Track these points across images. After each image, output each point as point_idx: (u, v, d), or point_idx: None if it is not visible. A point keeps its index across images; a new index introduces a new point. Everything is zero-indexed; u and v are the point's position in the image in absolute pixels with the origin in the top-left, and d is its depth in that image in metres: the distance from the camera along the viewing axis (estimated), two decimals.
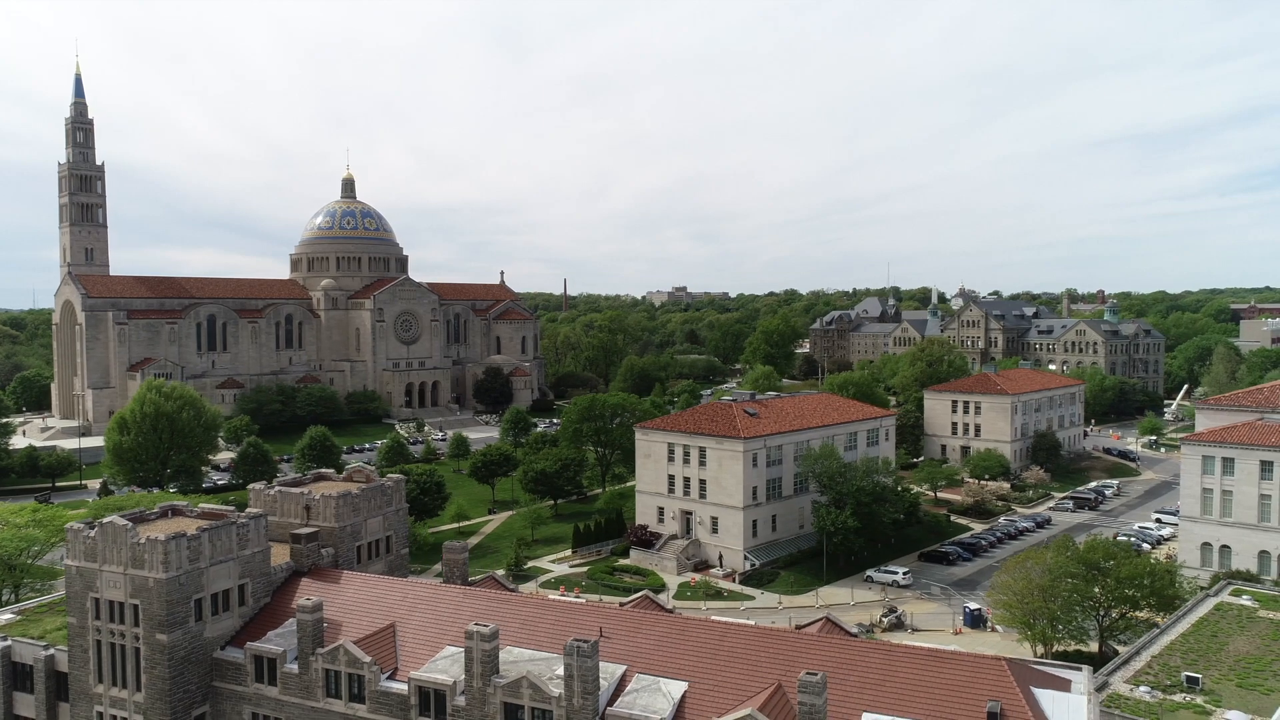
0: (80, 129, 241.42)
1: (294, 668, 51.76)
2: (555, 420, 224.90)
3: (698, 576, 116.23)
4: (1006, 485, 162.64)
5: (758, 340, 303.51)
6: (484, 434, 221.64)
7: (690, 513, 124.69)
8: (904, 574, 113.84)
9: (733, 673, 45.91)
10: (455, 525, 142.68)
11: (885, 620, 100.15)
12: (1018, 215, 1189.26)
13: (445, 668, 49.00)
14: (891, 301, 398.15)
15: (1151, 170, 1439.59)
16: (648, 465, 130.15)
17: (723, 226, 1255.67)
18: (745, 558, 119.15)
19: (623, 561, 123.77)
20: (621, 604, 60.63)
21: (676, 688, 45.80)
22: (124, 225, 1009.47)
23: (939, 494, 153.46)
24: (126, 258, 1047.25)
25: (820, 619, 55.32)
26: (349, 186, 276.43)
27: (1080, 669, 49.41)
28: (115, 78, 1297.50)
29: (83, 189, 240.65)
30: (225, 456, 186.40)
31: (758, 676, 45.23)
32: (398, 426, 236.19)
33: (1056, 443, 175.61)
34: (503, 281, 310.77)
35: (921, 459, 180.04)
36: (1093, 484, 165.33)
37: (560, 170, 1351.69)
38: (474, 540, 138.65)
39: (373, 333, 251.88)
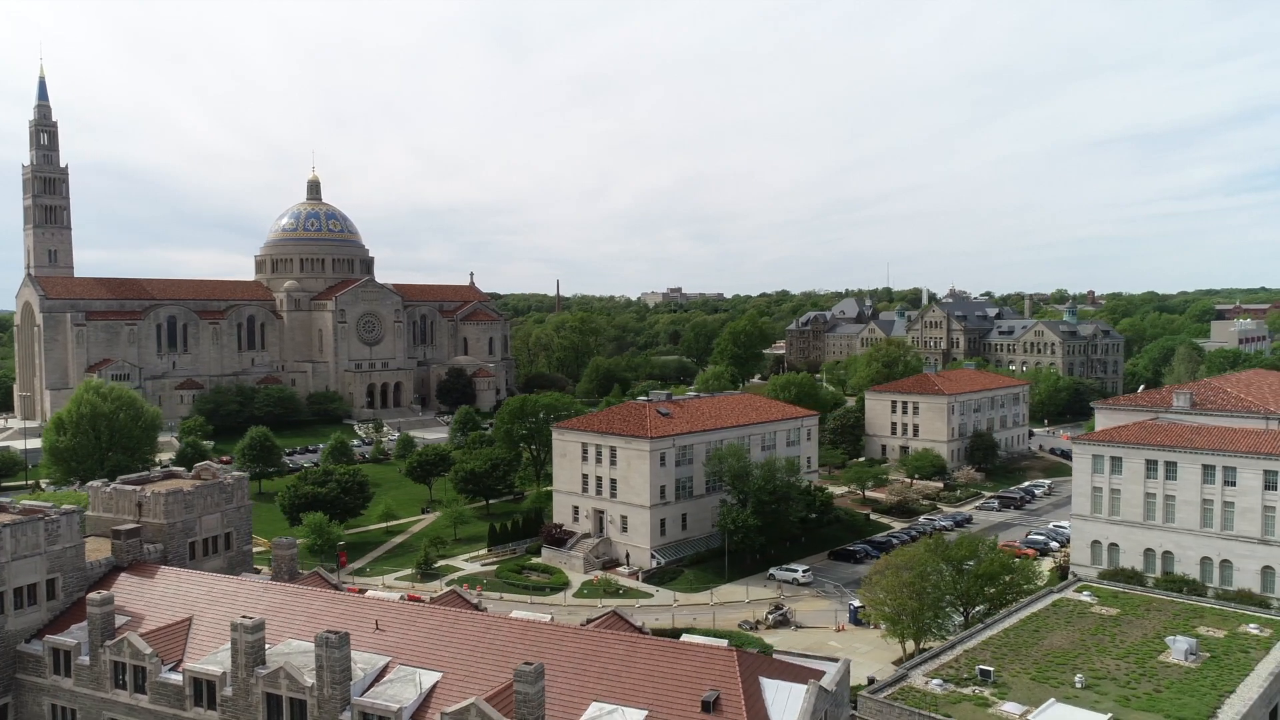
0: (44, 131, 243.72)
1: (86, 659, 53.29)
2: None
3: (600, 574, 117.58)
4: (940, 485, 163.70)
5: (725, 341, 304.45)
6: (441, 434, 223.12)
7: (602, 511, 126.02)
8: (804, 572, 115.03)
9: (487, 664, 47.24)
10: (383, 525, 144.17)
11: (770, 618, 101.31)
12: (1018, 215, 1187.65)
13: (223, 660, 50.46)
14: (868, 302, 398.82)
15: (1152, 170, 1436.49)
16: (563, 465, 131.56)
17: (723, 227, 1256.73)
18: (652, 556, 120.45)
19: (535, 560, 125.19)
20: (432, 599, 62.02)
21: (430, 678, 47.16)
22: (125, 226, 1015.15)
23: (867, 493, 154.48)
24: (127, 258, 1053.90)
25: (607, 614, 56.66)
26: (314, 188, 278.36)
27: (835, 661, 50.64)
28: (115, 78, 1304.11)
29: (47, 191, 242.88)
30: (167, 458, 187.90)
31: (508, 668, 46.56)
32: (356, 427, 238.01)
33: (993, 443, 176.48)
34: (472, 283, 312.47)
35: (862, 459, 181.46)
36: (1026, 484, 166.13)
37: (560, 170, 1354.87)
38: (400, 539, 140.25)
39: (334, 334, 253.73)
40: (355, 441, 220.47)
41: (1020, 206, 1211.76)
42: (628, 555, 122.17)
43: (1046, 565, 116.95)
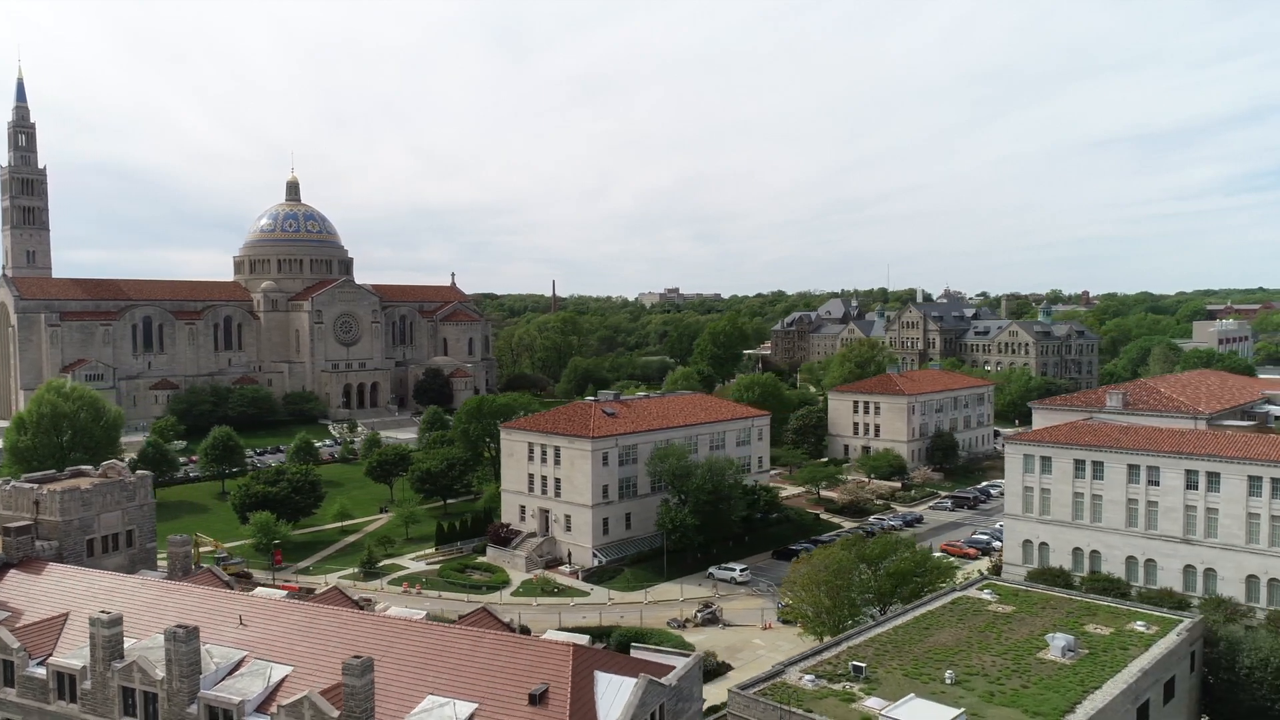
0: (22, 132, 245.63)
1: None
2: None
3: (540, 573, 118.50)
4: (898, 485, 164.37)
5: (704, 342, 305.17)
6: (414, 434, 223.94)
7: (548, 511, 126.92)
8: (741, 571, 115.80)
9: (336, 658, 47.98)
10: (338, 525, 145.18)
11: (699, 616, 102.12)
12: (1018, 215, 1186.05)
13: (86, 654, 51.41)
14: (854, 303, 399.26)
15: (1153, 170, 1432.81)
16: (511, 464, 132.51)
17: (723, 227, 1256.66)
18: (594, 555, 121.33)
19: (481, 559, 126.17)
20: (314, 593, 62.97)
21: (281, 671, 48.11)
22: (127, 226, 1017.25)
23: (822, 493, 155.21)
24: (127, 259, 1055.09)
25: (477, 610, 57.60)
26: (293, 189, 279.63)
27: (687, 655, 51.45)
28: (116, 78, 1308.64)
29: (24, 192, 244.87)
30: (132, 458, 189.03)
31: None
32: (331, 427, 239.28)
33: (953, 443, 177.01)
34: (453, 283, 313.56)
35: (825, 459, 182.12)
36: (984, 484, 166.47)
37: (560, 170, 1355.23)
38: (353, 538, 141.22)
39: (311, 334, 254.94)
40: (326, 441, 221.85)
41: (1020, 206, 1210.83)
42: (569, 554, 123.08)
43: (984, 565, 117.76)
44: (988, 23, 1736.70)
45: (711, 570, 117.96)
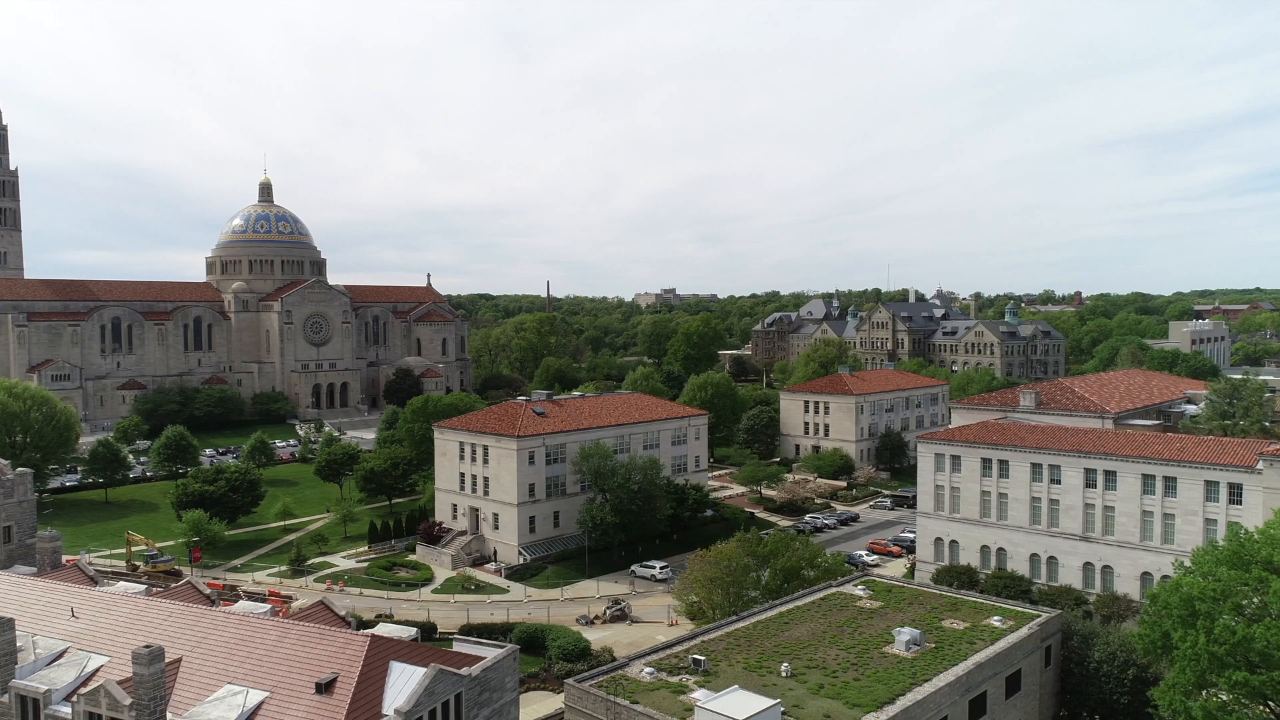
0: None
1: None
2: None
3: (463, 570, 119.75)
4: (843, 484, 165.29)
5: (678, 343, 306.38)
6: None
7: (478, 509, 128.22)
8: (661, 569, 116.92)
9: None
10: (281, 523, 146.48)
11: (608, 612, 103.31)
12: (1025, 216, 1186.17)
13: None
14: (835, 303, 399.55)
15: (1161, 171, 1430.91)
16: (443, 463, 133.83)
17: (729, 228, 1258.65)
18: (520, 553, 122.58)
19: (411, 557, 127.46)
20: (151, 589, 64.29)
21: (97, 662, 49.34)
22: (129, 228, 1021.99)
23: (764, 492, 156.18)
24: (128, 260, 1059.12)
25: (314, 603, 58.87)
26: (266, 191, 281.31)
27: (502, 647, 52.59)
28: (121, 79, 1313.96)
29: None
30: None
31: (172, 651, 48.83)
32: (298, 427, 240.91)
33: (901, 442, 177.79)
34: (429, 284, 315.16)
35: (778, 458, 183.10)
36: None
37: (566, 172, 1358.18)
38: (294, 536, 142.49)
39: (280, 335, 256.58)
40: (290, 441, 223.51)
41: (1028, 207, 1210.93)
42: (496, 552, 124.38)
43: (903, 563, 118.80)
44: (995, 23, 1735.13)
45: (634, 568, 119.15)
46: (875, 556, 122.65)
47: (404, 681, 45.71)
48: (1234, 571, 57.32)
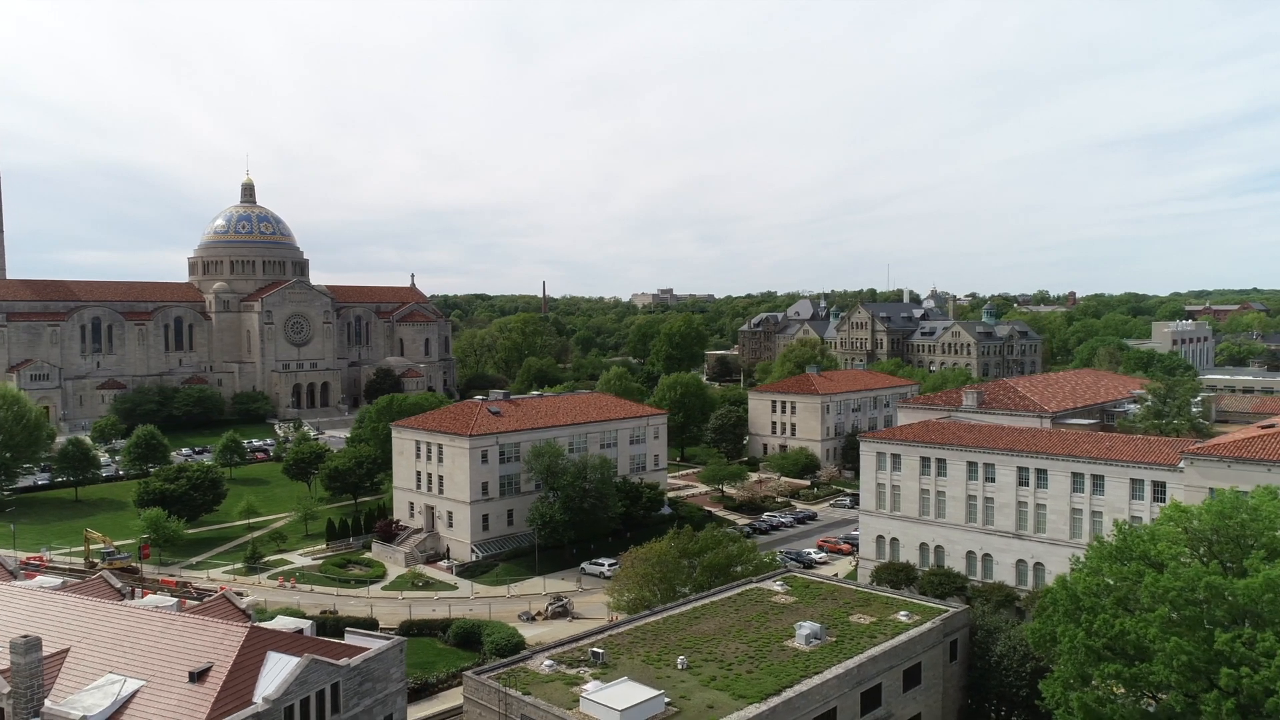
0: None
1: None
2: None
3: (414, 568, 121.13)
4: (807, 483, 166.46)
5: (661, 343, 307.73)
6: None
7: (433, 507, 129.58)
8: (610, 566, 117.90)
9: (51, 639, 50.77)
10: (245, 521, 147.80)
11: (550, 609, 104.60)
12: (1025, 216, 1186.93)
13: None
14: (822, 304, 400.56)
15: (1161, 171, 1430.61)
16: (401, 462, 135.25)
17: (729, 228, 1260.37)
18: (472, 550, 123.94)
19: (367, 555, 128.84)
20: (75, 579, 65.68)
21: None
22: (129, 228, 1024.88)
23: (725, 490, 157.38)
24: (128, 260, 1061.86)
25: (216, 597, 60.24)
26: (248, 191, 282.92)
27: (389, 639, 53.96)
28: (121, 79, 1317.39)
29: None
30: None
31: (62, 641, 50.30)
32: (278, 427, 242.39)
33: None
34: (413, 284, 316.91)
35: (745, 458, 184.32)
36: None
37: (566, 172, 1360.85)
38: (257, 534, 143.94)
39: (261, 335, 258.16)
40: (267, 440, 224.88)
41: (1028, 207, 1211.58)
42: (449, 549, 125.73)
43: (849, 561, 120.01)
44: (995, 24, 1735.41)
45: (584, 565, 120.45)
46: (824, 554, 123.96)
47: (278, 671, 47.06)
48: (1116, 566, 58.61)
